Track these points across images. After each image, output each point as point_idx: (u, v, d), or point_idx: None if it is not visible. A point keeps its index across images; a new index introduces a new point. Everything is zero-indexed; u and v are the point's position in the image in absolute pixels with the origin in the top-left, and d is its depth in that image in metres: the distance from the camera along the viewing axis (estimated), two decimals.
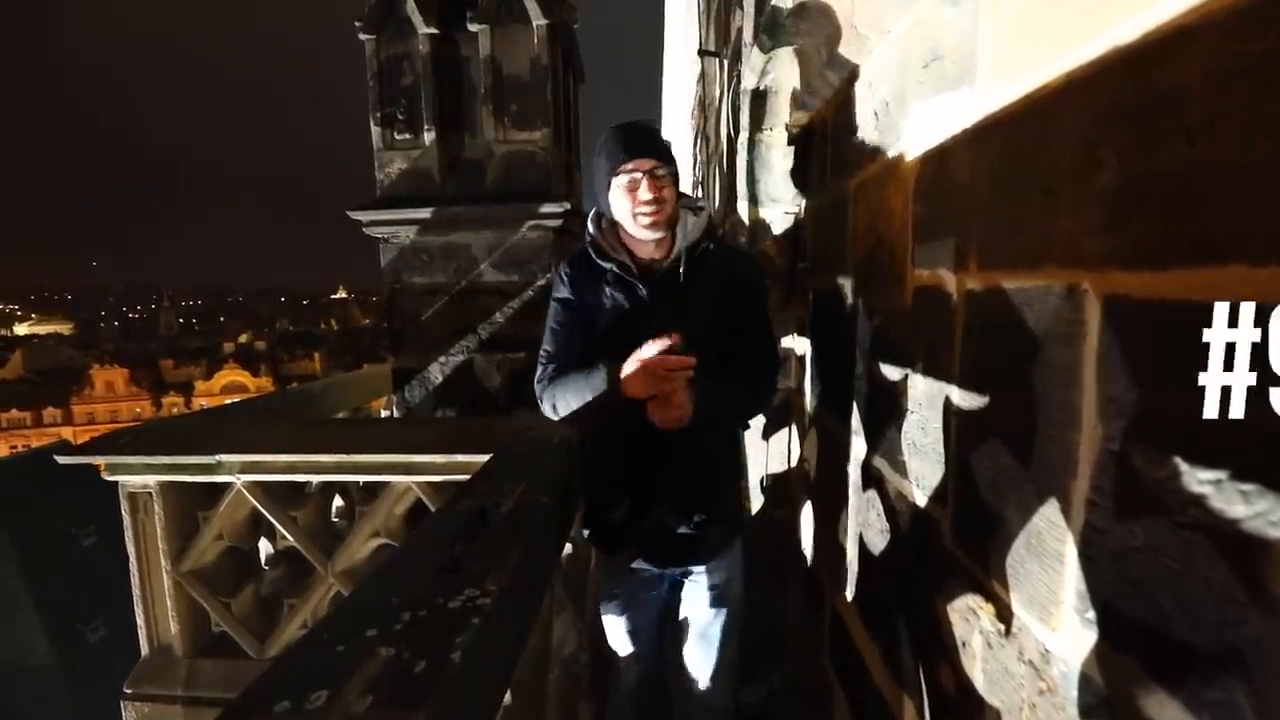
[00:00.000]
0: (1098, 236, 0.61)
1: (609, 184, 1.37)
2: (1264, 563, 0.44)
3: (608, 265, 1.40)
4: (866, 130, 1.30)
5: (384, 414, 4.90)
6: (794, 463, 2.13)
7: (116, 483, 2.57)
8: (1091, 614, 0.63)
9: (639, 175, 1.33)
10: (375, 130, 3.59)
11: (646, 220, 1.34)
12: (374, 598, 1.07)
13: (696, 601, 1.55)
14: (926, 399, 1.03)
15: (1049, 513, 0.69)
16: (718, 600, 1.53)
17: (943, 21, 0.96)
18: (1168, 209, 0.52)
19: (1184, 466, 0.51)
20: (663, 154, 1.36)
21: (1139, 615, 0.56)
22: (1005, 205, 0.78)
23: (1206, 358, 0.48)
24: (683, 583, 1.56)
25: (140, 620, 2.69)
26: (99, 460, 2.50)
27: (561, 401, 1.42)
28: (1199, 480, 0.49)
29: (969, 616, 0.89)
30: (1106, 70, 0.59)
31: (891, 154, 1.17)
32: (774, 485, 2.22)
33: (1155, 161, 0.54)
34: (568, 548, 1.88)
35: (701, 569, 1.52)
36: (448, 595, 1.04)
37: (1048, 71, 0.68)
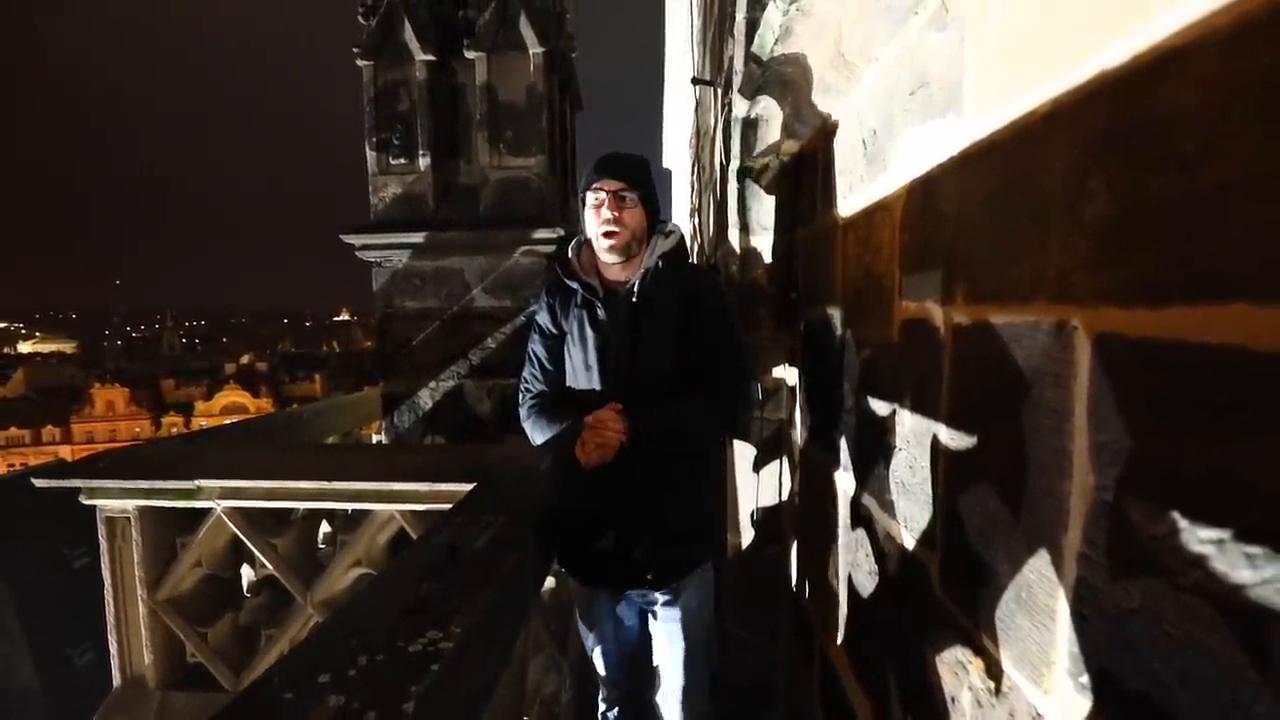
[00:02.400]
0: (1088, 270, 0.57)
1: (583, 201, 1.45)
2: (1274, 636, 0.39)
3: (574, 285, 1.47)
4: (855, 159, 1.28)
5: (376, 439, 4.85)
6: (785, 496, 2.07)
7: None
8: (1086, 679, 0.58)
9: (604, 194, 1.40)
10: (370, 155, 3.60)
11: (605, 242, 1.41)
12: (332, 639, 1.01)
13: (660, 638, 1.54)
14: (914, 436, 0.98)
15: (1039, 565, 0.64)
16: (675, 636, 1.52)
17: (929, 48, 0.93)
18: (1162, 242, 0.49)
19: (1183, 523, 0.46)
20: (631, 178, 1.43)
21: (1137, 685, 0.51)
22: (992, 236, 0.74)
23: (1206, 403, 0.44)
24: (649, 614, 1.54)
25: (113, 650, 2.61)
26: (77, 484, 2.45)
27: (539, 437, 1.50)
28: (1199, 539, 0.45)
29: (958, 670, 0.84)
30: (1095, 96, 0.56)
31: (879, 183, 1.14)
32: (765, 519, 2.16)
33: (1148, 191, 0.50)
34: (550, 580, 1.82)
35: (660, 598, 1.51)
36: (408, 638, 0.98)
37: (1034, 98, 0.65)
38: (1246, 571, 0.41)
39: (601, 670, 1.63)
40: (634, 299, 1.43)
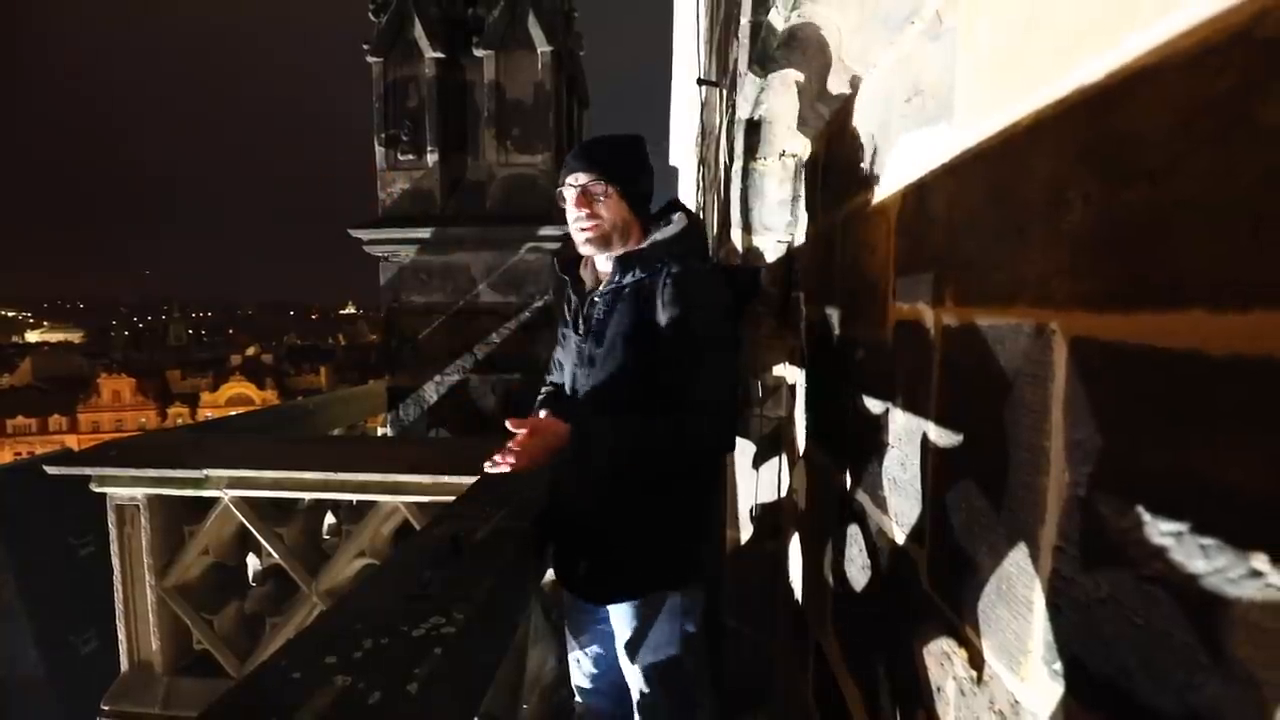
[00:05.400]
0: (1065, 277, 0.60)
1: (563, 198, 1.39)
2: (1223, 622, 0.42)
3: (565, 278, 1.45)
4: (853, 163, 1.30)
5: (380, 432, 4.89)
6: (783, 493, 2.10)
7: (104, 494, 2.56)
8: (1059, 666, 0.61)
9: (571, 190, 1.34)
10: (379, 150, 3.64)
11: (579, 236, 1.35)
12: (338, 623, 1.05)
13: (619, 649, 1.50)
14: (906, 434, 1.01)
15: (1018, 558, 0.67)
16: (625, 657, 1.47)
17: (924, 57, 0.96)
18: (1131, 251, 0.51)
19: (1147, 516, 0.49)
20: (599, 167, 1.33)
21: (1105, 671, 0.54)
22: (979, 241, 0.77)
23: (1167, 404, 0.47)
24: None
25: (121, 635, 2.66)
26: (87, 471, 2.50)
27: None
28: (1161, 531, 0.48)
29: (944, 661, 0.87)
30: (1073, 109, 0.59)
31: (875, 187, 1.17)
32: (764, 516, 2.19)
33: (1119, 203, 0.53)
34: (551, 572, 1.85)
35: (614, 612, 1.46)
36: (412, 623, 1.02)
37: (1019, 109, 0.68)
38: (1201, 561, 0.44)
39: (581, 681, 1.59)
40: (600, 296, 1.36)
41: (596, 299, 1.37)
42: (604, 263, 1.39)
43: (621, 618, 1.45)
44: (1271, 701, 0.39)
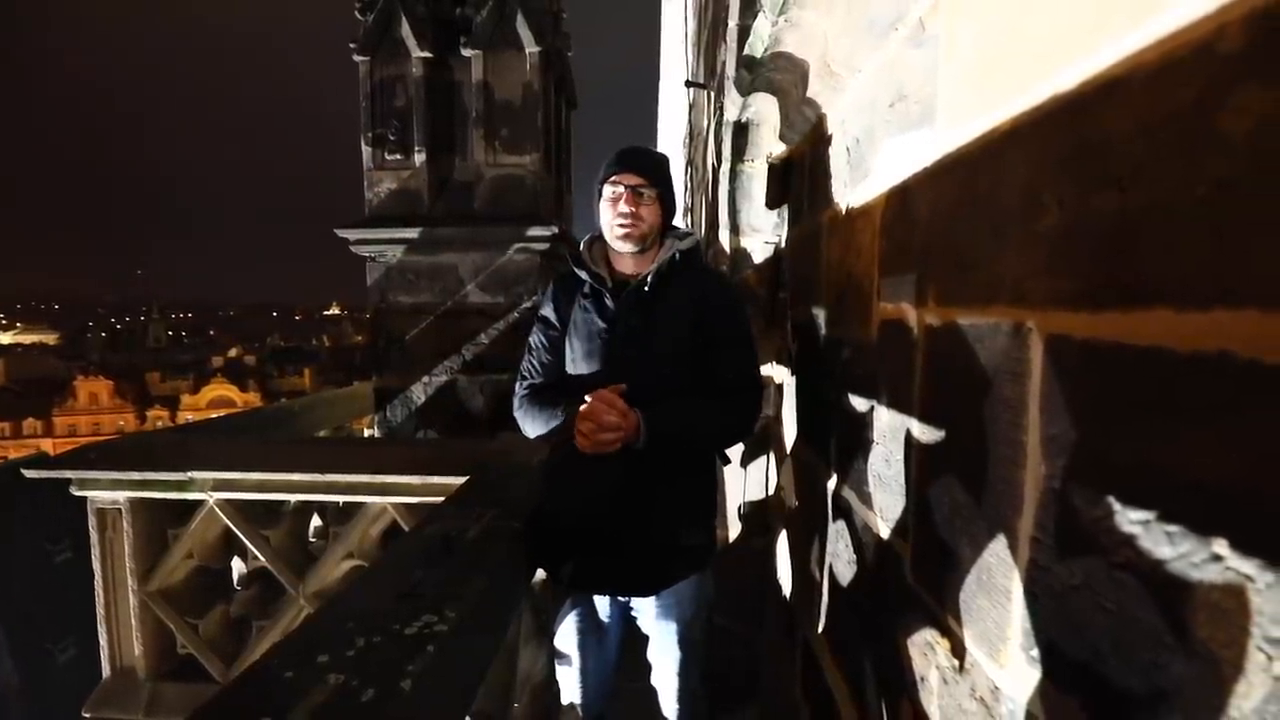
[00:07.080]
0: (1041, 277, 0.62)
1: (600, 193, 1.44)
2: (1187, 605, 0.44)
3: (581, 275, 1.45)
4: (839, 165, 1.33)
5: (367, 434, 4.87)
6: (771, 491, 2.12)
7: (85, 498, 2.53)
8: (1036, 652, 0.63)
9: (622, 188, 1.39)
10: (366, 150, 3.62)
11: (620, 231, 1.40)
12: (330, 622, 1.05)
13: (654, 642, 1.53)
14: (890, 431, 1.03)
15: (998, 549, 0.69)
16: (670, 642, 1.51)
17: (908, 63, 0.98)
18: (1102, 253, 0.54)
19: (1117, 506, 0.51)
20: (651, 174, 1.42)
21: (1079, 656, 0.56)
22: (960, 243, 0.79)
23: (1135, 399, 0.49)
24: (635, 617, 1.54)
25: (103, 640, 2.63)
26: (68, 474, 2.46)
27: (530, 429, 1.47)
28: (1130, 520, 0.50)
29: (927, 651, 0.89)
30: (1049, 116, 0.61)
31: (861, 189, 1.19)
32: (752, 513, 2.21)
33: (1090, 207, 0.55)
34: (541, 572, 1.86)
35: (659, 602, 1.49)
36: (404, 621, 1.02)
37: (998, 115, 0.70)
38: (1166, 548, 0.46)
39: (574, 686, 1.56)
40: (645, 289, 1.40)
41: (646, 287, 1.41)
42: (628, 259, 1.45)
43: (670, 604, 1.49)
44: (1229, 679, 0.41)
